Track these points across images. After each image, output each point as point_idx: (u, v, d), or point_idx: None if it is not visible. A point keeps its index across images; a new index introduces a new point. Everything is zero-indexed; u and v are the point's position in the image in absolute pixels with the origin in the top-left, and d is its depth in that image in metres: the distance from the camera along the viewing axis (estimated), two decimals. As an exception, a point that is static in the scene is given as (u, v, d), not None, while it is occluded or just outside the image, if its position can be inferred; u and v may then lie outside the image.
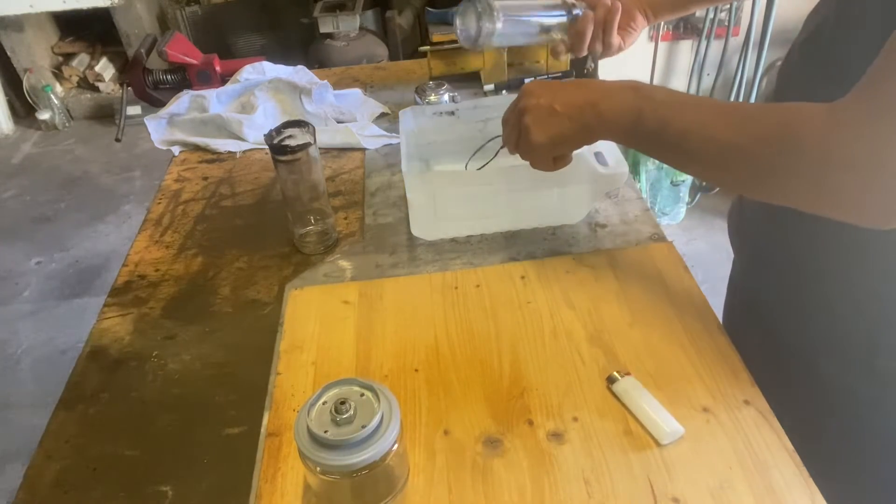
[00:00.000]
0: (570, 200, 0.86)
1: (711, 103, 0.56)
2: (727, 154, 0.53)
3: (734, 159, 0.53)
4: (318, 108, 1.16)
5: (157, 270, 0.87)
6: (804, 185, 0.50)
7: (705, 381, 0.64)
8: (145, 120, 1.16)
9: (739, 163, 0.53)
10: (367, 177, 1.03)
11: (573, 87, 0.65)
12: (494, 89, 1.22)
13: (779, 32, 2.14)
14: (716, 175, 0.58)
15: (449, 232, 0.87)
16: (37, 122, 3.44)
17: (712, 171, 0.58)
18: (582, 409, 0.63)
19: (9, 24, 3.21)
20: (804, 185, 0.50)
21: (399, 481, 0.57)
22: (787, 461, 0.57)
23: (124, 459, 0.64)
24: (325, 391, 0.54)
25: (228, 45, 3.23)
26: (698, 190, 2.48)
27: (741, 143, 0.52)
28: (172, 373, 0.73)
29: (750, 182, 0.55)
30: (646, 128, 0.58)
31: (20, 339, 2.21)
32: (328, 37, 2.73)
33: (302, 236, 0.88)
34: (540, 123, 0.65)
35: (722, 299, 0.89)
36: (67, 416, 0.69)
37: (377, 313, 0.75)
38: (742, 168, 0.53)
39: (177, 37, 1.29)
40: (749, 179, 0.54)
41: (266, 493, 0.58)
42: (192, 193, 1.03)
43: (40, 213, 2.85)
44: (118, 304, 0.82)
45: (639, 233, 0.86)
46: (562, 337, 0.70)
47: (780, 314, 0.73)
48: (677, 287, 0.75)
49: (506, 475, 0.58)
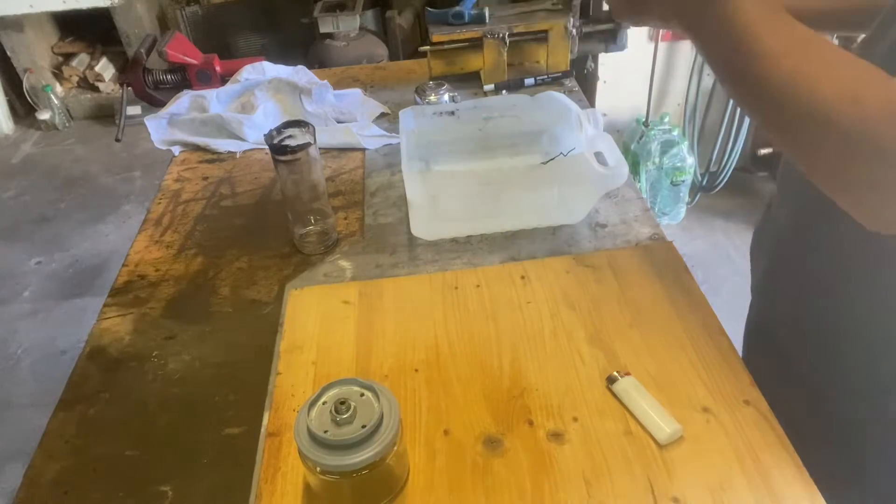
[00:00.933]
0: (570, 200, 0.86)
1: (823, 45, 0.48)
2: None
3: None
4: (318, 108, 1.16)
5: (157, 270, 0.87)
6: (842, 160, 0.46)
7: (705, 381, 0.64)
8: (145, 120, 1.16)
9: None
10: (367, 177, 1.03)
11: None
12: (494, 89, 1.22)
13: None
14: (766, 111, 0.51)
15: (449, 232, 0.87)
16: (37, 122, 3.43)
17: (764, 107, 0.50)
18: (582, 409, 0.63)
19: (9, 24, 3.20)
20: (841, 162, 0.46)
21: (399, 481, 0.57)
22: (787, 461, 0.57)
23: (124, 459, 0.64)
24: (325, 391, 0.54)
25: (228, 45, 3.23)
26: (698, 190, 2.48)
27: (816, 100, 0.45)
28: (172, 373, 0.73)
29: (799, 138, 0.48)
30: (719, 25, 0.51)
31: (20, 339, 2.21)
32: (328, 37, 2.73)
33: (302, 236, 0.88)
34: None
35: (722, 299, 0.89)
36: (67, 416, 0.69)
37: (377, 313, 0.75)
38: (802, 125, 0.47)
39: (177, 37, 1.29)
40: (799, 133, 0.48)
41: (266, 493, 0.58)
42: (192, 193, 1.03)
43: (40, 213, 2.85)
44: (118, 304, 0.82)
45: (639, 233, 0.86)
46: (562, 337, 0.70)
47: (797, 343, 0.72)
48: (677, 287, 0.75)
49: (506, 475, 0.58)
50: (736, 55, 0.51)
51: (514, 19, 1.22)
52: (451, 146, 0.97)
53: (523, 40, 1.23)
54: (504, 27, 1.19)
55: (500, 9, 1.25)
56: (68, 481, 0.63)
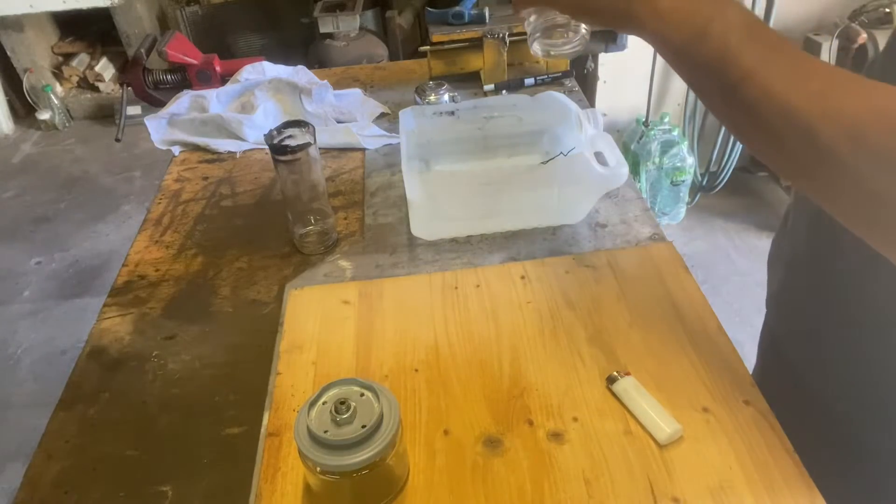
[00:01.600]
0: (570, 200, 0.86)
1: (803, 56, 0.44)
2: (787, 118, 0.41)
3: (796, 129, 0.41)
4: (318, 108, 1.16)
5: (157, 270, 0.87)
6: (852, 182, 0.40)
7: (705, 381, 0.64)
8: (145, 120, 1.16)
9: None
10: (367, 177, 1.03)
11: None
12: (494, 89, 1.22)
13: (778, 32, 2.14)
14: (764, 138, 0.45)
15: (449, 232, 0.87)
16: (37, 122, 3.44)
17: (763, 134, 0.45)
18: (582, 409, 0.63)
19: (9, 24, 3.20)
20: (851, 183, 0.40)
21: (399, 481, 0.57)
22: (787, 461, 0.57)
23: (124, 459, 0.64)
24: (325, 391, 0.54)
25: (228, 45, 3.23)
26: (698, 190, 2.48)
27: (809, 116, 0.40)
28: (172, 373, 0.73)
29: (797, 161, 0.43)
30: (704, 48, 0.45)
31: (20, 339, 2.22)
32: (328, 37, 2.73)
33: (302, 236, 0.88)
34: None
35: (722, 299, 0.89)
36: (67, 416, 0.69)
37: (377, 313, 0.75)
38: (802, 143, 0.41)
39: (177, 37, 1.29)
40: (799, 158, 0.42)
41: (266, 493, 0.58)
42: (192, 193, 1.03)
43: (40, 213, 2.85)
44: (118, 304, 0.82)
45: (639, 233, 0.86)
46: (562, 337, 0.70)
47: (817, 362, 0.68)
48: (677, 287, 0.75)
49: (506, 475, 0.58)
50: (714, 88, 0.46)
51: (514, 19, 1.21)
52: (451, 146, 0.97)
53: (523, 40, 1.23)
54: (504, 27, 1.19)
55: (500, 9, 1.25)
56: (68, 481, 0.63)
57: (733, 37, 0.44)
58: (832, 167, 0.40)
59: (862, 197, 0.40)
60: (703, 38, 0.45)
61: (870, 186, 0.39)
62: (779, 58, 0.43)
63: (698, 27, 0.45)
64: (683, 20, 0.46)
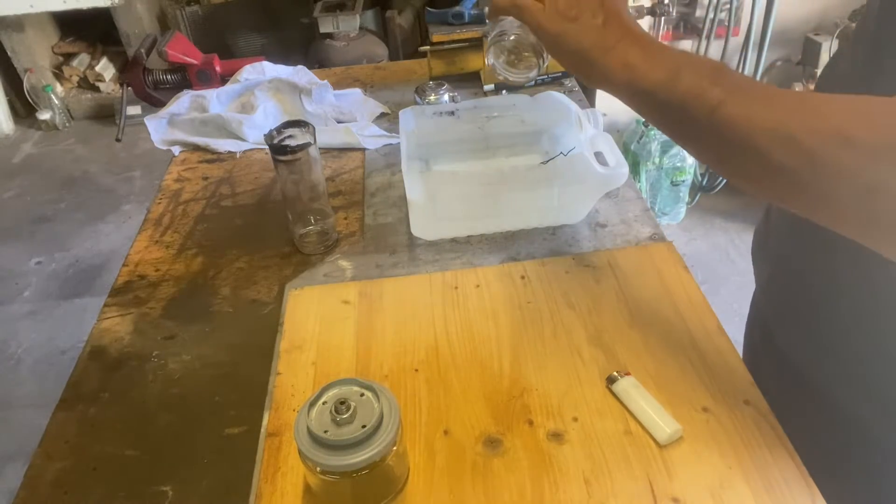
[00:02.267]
0: (570, 200, 0.86)
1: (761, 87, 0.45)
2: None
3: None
4: (318, 108, 1.16)
5: (157, 270, 0.87)
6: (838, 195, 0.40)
7: (705, 381, 0.64)
8: (145, 120, 1.16)
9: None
10: (367, 177, 1.03)
11: None
12: (494, 89, 1.22)
13: (779, 32, 2.14)
14: (734, 167, 0.47)
15: (449, 232, 0.87)
16: (37, 122, 3.43)
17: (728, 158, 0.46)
18: (582, 409, 0.63)
19: (9, 24, 3.20)
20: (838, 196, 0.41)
21: (399, 481, 0.57)
22: (788, 461, 0.57)
23: (124, 459, 0.64)
24: (325, 391, 0.54)
25: (228, 45, 3.22)
26: (698, 190, 2.48)
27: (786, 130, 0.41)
28: (172, 373, 0.73)
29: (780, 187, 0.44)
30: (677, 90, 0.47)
31: (20, 339, 2.21)
32: (328, 37, 2.73)
33: (302, 236, 0.88)
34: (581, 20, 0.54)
35: (722, 299, 0.89)
36: (67, 416, 0.69)
37: (377, 313, 0.75)
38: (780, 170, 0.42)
39: (177, 37, 1.29)
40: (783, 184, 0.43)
41: (266, 493, 0.58)
42: (192, 193, 1.03)
43: (40, 213, 2.85)
44: (118, 304, 0.82)
45: (639, 233, 0.86)
46: (562, 337, 0.70)
47: (801, 343, 0.69)
48: (677, 287, 0.75)
49: (506, 475, 0.58)
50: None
51: (514, 19, 1.21)
52: (451, 146, 0.97)
53: (523, 40, 1.23)
54: (504, 27, 1.19)
55: (500, 9, 1.25)
56: (68, 481, 0.63)
57: (705, 75, 0.46)
58: (822, 171, 0.41)
59: (858, 195, 0.40)
60: (675, 80, 0.47)
61: (865, 182, 0.39)
62: (752, 85, 0.45)
63: (669, 72, 0.48)
64: (652, 68, 0.49)
